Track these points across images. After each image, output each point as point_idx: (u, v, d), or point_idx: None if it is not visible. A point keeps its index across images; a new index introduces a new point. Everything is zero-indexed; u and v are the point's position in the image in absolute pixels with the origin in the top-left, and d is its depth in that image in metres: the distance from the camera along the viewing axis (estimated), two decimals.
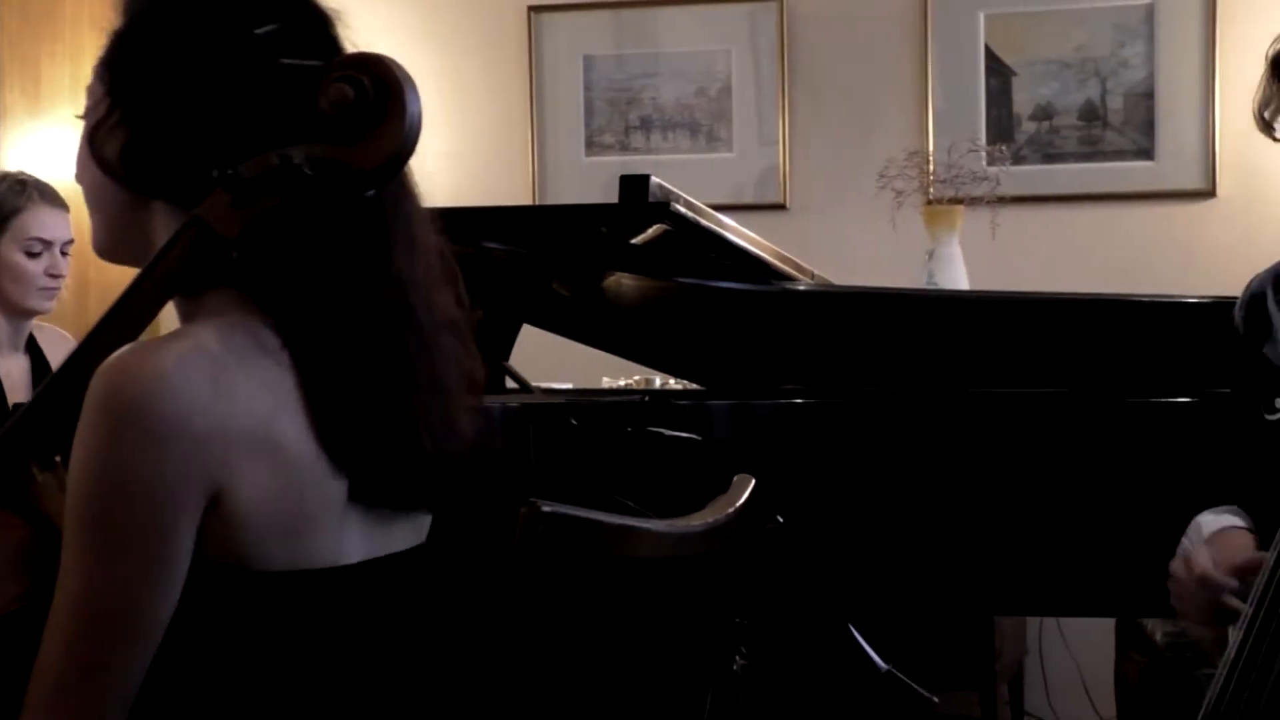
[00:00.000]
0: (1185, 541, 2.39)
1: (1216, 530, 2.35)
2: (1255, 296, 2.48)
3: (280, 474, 1.48)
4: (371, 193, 1.55)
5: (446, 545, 1.74)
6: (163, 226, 1.56)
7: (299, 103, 1.52)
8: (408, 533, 1.67)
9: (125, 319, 1.55)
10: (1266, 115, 2.41)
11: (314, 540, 1.52)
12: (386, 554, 1.62)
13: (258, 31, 1.55)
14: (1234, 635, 2.23)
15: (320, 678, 1.56)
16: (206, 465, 1.44)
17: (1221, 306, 2.64)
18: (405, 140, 1.52)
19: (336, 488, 1.53)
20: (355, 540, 1.57)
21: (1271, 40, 2.39)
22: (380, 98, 1.51)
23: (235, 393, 1.46)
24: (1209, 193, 4.78)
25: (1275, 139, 2.41)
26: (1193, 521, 2.40)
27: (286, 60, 1.55)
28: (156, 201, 1.58)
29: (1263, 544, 2.33)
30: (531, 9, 5.25)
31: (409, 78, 1.52)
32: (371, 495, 1.56)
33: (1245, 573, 2.21)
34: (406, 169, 1.58)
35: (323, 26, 1.60)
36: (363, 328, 1.55)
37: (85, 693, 1.44)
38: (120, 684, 1.45)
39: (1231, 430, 2.49)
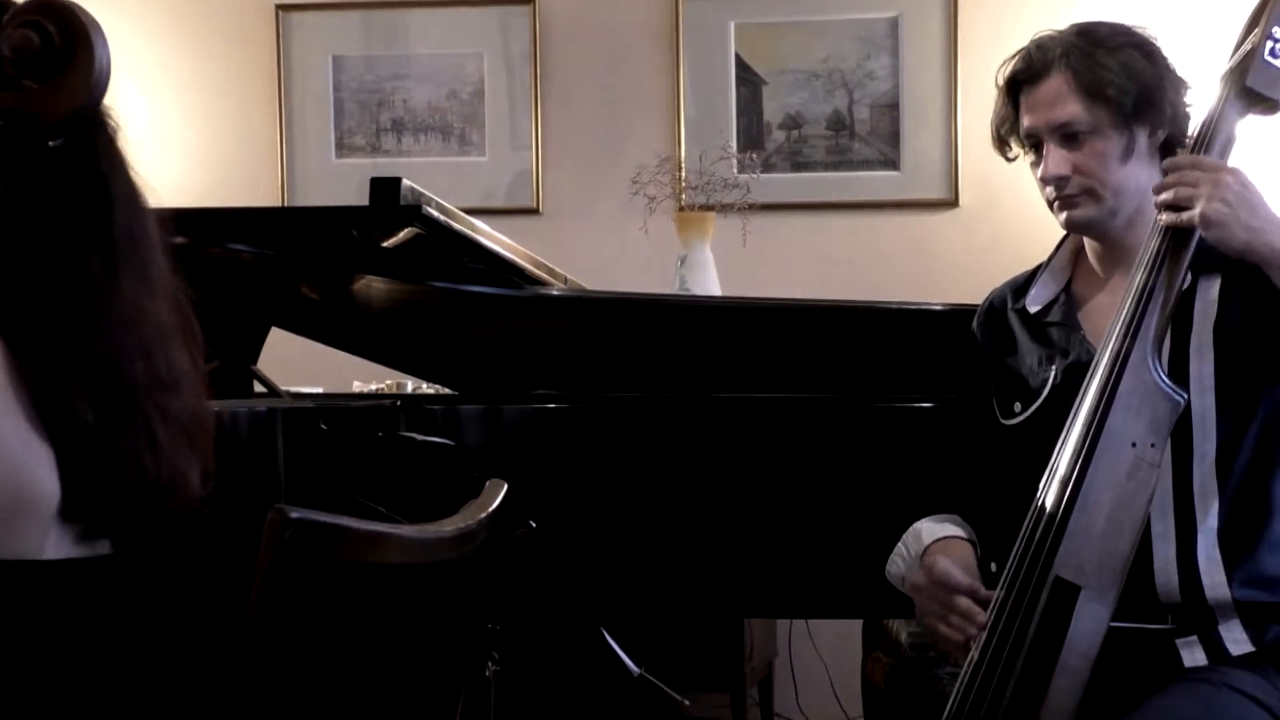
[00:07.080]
0: (902, 547, 2.45)
1: (939, 539, 2.41)
2: (993, 308, 2.55)
3: None
4: (59, 141, 1.50)
5: (187, 549, 1.70)
6: None
7: None
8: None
9: None
10: (1003, 133, 2.48)
11: (17, 532, 1.47)
12: (94, 555, 1.56)
13: None
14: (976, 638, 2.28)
15: (20, 672, 1.51)
16: None
17: (962, 314, 2.70)
18: (94, 86, 1.48)
19: (50, 479, 1.48)
20: (64, 537, 1.52)
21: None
22: (67, 43, 1.47)
23: None
24: (952, 203, 4.90)
25: (1008, 159, 2.48)
26: (911, 529, 2.45)
27: None
28: None
29: (985, 553, 2.40)
30: (279, 8, 5.16)
31: (96, 23, 1.49)
32: (81, 516, 1.52)
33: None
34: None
35: None
36: (72, 311, 1.50)
37: None
38: None
39: (970, 435, 2.54)
